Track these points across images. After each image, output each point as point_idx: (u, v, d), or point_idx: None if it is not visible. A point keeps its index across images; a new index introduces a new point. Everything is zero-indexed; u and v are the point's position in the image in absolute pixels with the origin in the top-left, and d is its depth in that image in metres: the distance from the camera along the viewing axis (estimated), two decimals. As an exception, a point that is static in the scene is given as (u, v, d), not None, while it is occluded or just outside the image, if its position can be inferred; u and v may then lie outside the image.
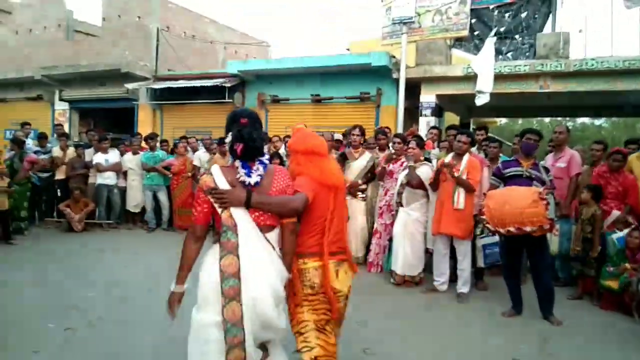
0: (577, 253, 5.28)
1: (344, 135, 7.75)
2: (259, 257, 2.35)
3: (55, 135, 9.91)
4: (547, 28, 9.08)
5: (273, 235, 2.46)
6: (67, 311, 4.50)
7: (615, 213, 5.32)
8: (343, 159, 6.77)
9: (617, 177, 5.42)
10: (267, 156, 2.58)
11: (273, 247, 2.44)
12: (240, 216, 2.36)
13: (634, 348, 4.10)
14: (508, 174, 4.75)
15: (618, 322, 4.69)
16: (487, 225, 4.57)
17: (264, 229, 2.41)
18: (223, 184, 2.38)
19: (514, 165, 4.76)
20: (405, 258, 5.55)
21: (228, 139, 2.49)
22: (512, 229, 4.36)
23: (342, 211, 2.77)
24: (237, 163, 2.46)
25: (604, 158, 5.86)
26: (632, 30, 8.59)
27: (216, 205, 2.38)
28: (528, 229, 4.31)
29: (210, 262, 2.39)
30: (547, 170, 4.80)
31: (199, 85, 11.26)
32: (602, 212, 5.25)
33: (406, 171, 5.58)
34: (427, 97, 9.60)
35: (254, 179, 2.42)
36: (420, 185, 5.49)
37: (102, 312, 4.53)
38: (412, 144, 5.64)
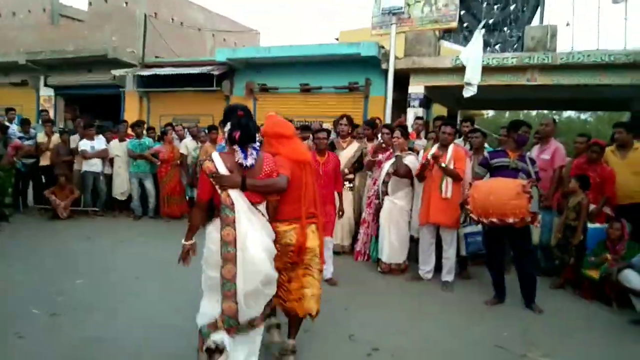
0: (559, 240, 5.38)
1: (333, 123, 7.76)
2: (253, 227, 2.90)
3: (40, 122, 9.79)
4: (535, 21, 9.14)
5: (262, 206, 3.04)
6: (52, 297, 4.49)
7: (591, 206, 5.43)
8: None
9: (595, 169, 5.52)
10: (258, 143, 3.11)
11: (263, 214, 3.03)
12: (236, 196, 2.88)
13: (613, 336, 4.21)
14: (495, 165, 4.81)
15: (598, 310, 4.80)
16: (471, 214, 4.64)
17: (255, 204, 2.97)
18: (223, 169, 2.91)
19: (502, 156, 4.82)
20: (390, 246, 5.63)
21: (227, 128, 3.02)
22: (494, 219, 4.44)
23: (312, 182, 3.35)
24: (236, 147, 2.97)
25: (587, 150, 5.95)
26: (618, 24, 8.67)
27: (217, 187, 2.89)
28: (510, 220, 4.39)
29: (213, 233, 2.91)
30: (533, 161, 4.87)
31: (186, 72, 11.16)
32: (588, 201, 5.34)
33: (392, 160, 5.62)
34: (416, 88, 9.63)
35: (249, 161, 2.96)
36: (407, 174, 5.55)
37: (88, 298, 4.53)
38: (397, 133, 5.69)
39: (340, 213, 5.24)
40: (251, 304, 2.90)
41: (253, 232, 2.88)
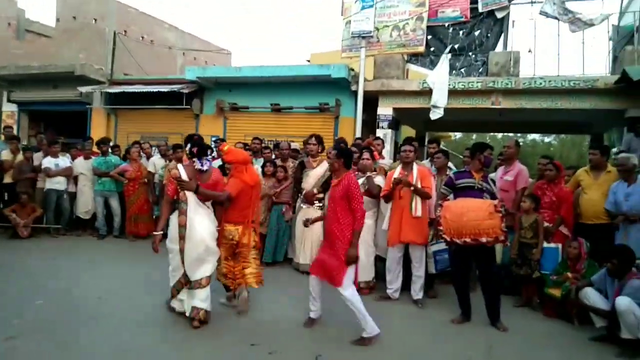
0: (515, 258, 5.52)
1: (304, 143, 7.82)
2: (200, 215, 4.45)
3: (2, 138, 9.51)
4: (499, 47, 9.45)
5: (208, 203, 4.61)
6: (9, 319, 4.32)
7: (545, 224, 5.60)
8: (301, 168, 6.82)
9: (553, 188, 5.76)
10: (210, 156, 4.67)
11: (208, 207, 4.61)
12: (190, 195, 4.41)
13: (575, 353, 4.30)
14: (460, 185, 4.92)
15: (560, 328, 4.90)
16: (444, 235, 4.72)
17: (203, 201, 4.51)
18: (184, 176, 4.44)
19: (467, 177, 4.93)
20: (359, 264, 5.62)
21: (188, 147, 4.62)
22: (468, 239, 4.52)
23: (257, 198, 4.98)
24: (195, 159, 4.55)
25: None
26: (576, 51, 9.05)
27: (179, 188, 4.40)
28: (484, 239, 4.49)
29: (173, 219, 4.49)
30: (494, 182, 5.05)
31: (155, 90, 11.05)
32: (542, 219, 5.52)
33: (361, 180, 5.67)
34: (385, 110, 9.77)
35: (204, 167, 4.57)
36: (378, 194, 5.62)
37: (48, 321, 4.38)
38: (366, 155, 5.77)
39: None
40: (194, 267, 4.37)
41: (199, 218, 4.40)
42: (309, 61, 15.99)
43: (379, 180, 5.73)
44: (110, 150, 8.85)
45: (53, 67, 12.35)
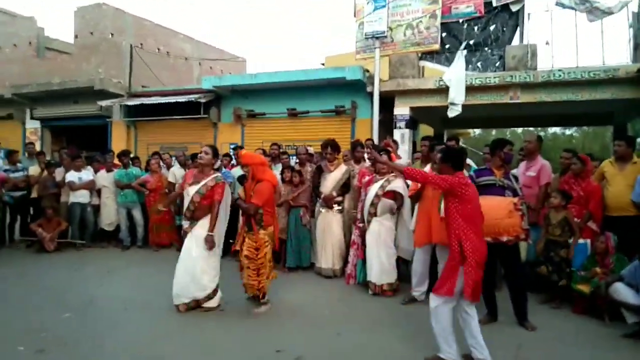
0: (542, 255, 5.40)
1: (322, 147, 7.83)
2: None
3: (26, 154, 9.73)
4: (516, 40, 9.31)
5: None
6: (38, 333, 4.40)
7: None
8: (319, 172, 6.82)
9: (581, 183, 5.62)
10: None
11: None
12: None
13: (607, 350, 4.19)
14: (482, 183, 4.82)
15: (590, 325, 4.79)
16: None
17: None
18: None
19: (487, 174, 4.83)
20: (381, 266, 5.60)
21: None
22: (488, 239, 4.44)
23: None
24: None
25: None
26: (596, 41, 8.87)
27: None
28: (504, 238, 4.41)
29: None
30: (516, 178, 4.91)
31: (173, 101, 11.19)
32: (573, 216, 5.39)
33: (380, 183, 5.63)
34: (401, 109, 9.71)
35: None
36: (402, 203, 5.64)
37: (76, 333, 4.44)
38: (383, 157, 5.70)
39: None
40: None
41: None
42: (323, 64, 16.01)
43: (397, 182, 5.66)
44: (131, 162, 8.96)
45: (73, 83, 12.62)
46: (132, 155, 9.35)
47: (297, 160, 7.72)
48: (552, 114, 11.41)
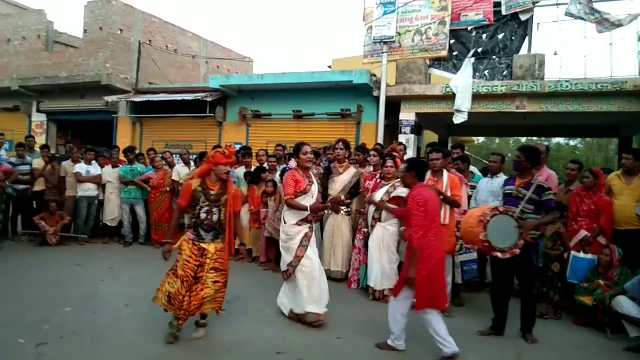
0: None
1: (325, 149, 7.82)
2: None
3: (26, 148, 9.73)
4: (524, 50, 9.31)
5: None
6: (40, 326, 4.40)
7: (583, 233, 5.45)
8: (328, 173, 6.81)
9: (592, 197, 5.57)
10: None
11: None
12: None
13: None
14: (505, 192, 4.75)
15: (592, 337, 4.77)
16: (460, 239, 4.68)
17: None
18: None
19: (511, 184, 4.69)
20: (383, 271, 5.59)
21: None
22: (469, 247, 4.46)
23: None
24: None
25: (579, 178, 6.02)
26: (604, 52, 8.86)
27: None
28: (476, 247, 4.39)
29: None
30: (542, 188, 4.47)
31: (180, 99, 11.21)
32: (566, 230, 5.39)
33: (385, 189, 5.62)
34: (407, 115, 9.72)
35: None
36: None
37: (77, 327, 4.44)
38: (390, 162, 5.71)
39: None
40: None
41: None
42: (330, 67, 16.03)
43: (403, 188, 5.65)
44: (136, 158, 8.97)
45: (80, 78, 12.65)
46: (137, 152, 9.36)
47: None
48: (557, 124, 11.41)
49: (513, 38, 9.30)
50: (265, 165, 7.90)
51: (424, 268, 3.87)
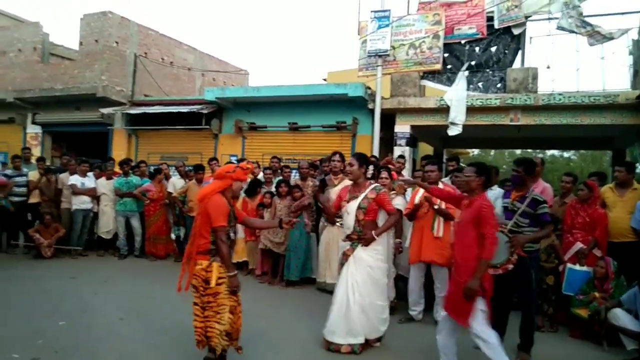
0: None
1: (320, 161, 7.85)
2: None
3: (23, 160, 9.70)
4: (517, 63, 9.41)
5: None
6: (33, 340, 4.36)
7: (578, 245, 5.47)
8: (323, 186, 6.82)
9: (587, 209, 5.59)
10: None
11: None
12: None
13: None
14: (503, 205, 4.67)
15: (588, 350, 4.77)
16: None
17: None
18: None
19: (507, 197, 4.64)
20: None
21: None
22: None
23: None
24: None
25: (574, 190, 6.06)
26: (596, 67, 8.97)
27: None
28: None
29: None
30: (537, 201, 4.37)
31: (175, 111, 11.23)
32: (560, 242, 5.41)
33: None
34: (402, 127, 9.77)
35: None
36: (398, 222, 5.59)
37: (70, 341, 4.41)
38: (384, 174, 5.74)
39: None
40: None
41: None
42: (325, 80, 16.12)
43: (398, 200, 5.68)
44: (131, 170, 8.96)
45: (76, 89, 12.66)
46: (132, 164, 9.35)
47: (299, 174, 7.74)
48: (551, 136, 11.50)
49: (506, 51, 9.40)
50: (260, 176, 7.92)
51: (488, 282, 3.67)
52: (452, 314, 3.78)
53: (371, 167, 4.78)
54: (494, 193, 5.48)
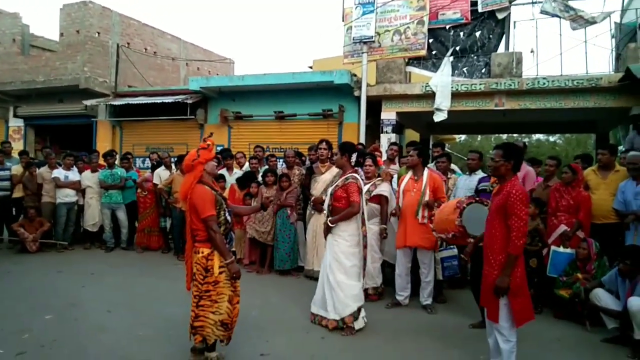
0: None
1: (309, 149, 7.84)
2: None
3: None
4: (501, 48, 9.43)
5: None
6: (19, 335, 4.33)
7: (562, 227, 5.54)
8: (310, 174, 6.82)
9: (571, 192, 5.66)
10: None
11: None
12: None
13: (586, 354, 4.26)
14: (479, 188, 4.90)
15: (571, 330, 4.86)
16: (433, 232, 4.82)
17: None
18: None
19: (486, 181, 4.90)
20: (366, 270, 5.60)
21: None
22: (442, 235, 4.55)
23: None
24: None
25: (558, 173, 6.13)
26: (579, 51, 9.03)
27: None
28: (450, 235, 4.46)
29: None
30: None
31: (160, 101, 11.12)
32: (545, 225, 5.48)
33: (366, 187, 5.65)
34: (388, 114, 9.78)
35: None
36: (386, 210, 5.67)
37: (58, 335, 4.38)
38: (369, 161, 5.75)
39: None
40: None
41: None
42: (311, 68, 16.04)
43: (383, 187, 5.71)
44: (116, 162, 8.88)
45: (58, 81, 12.48)
46: (117, 156, 9.26)
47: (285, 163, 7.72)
48: (536, 121, 11.59)
49: (490, 36, 9.42)
50: (246, 166, 7.90)
51: (518, 276, 3.40)
52: (485, 307, 3.65)
53: (354, 155, 4.78)
54: (477, 178, 5.56)
